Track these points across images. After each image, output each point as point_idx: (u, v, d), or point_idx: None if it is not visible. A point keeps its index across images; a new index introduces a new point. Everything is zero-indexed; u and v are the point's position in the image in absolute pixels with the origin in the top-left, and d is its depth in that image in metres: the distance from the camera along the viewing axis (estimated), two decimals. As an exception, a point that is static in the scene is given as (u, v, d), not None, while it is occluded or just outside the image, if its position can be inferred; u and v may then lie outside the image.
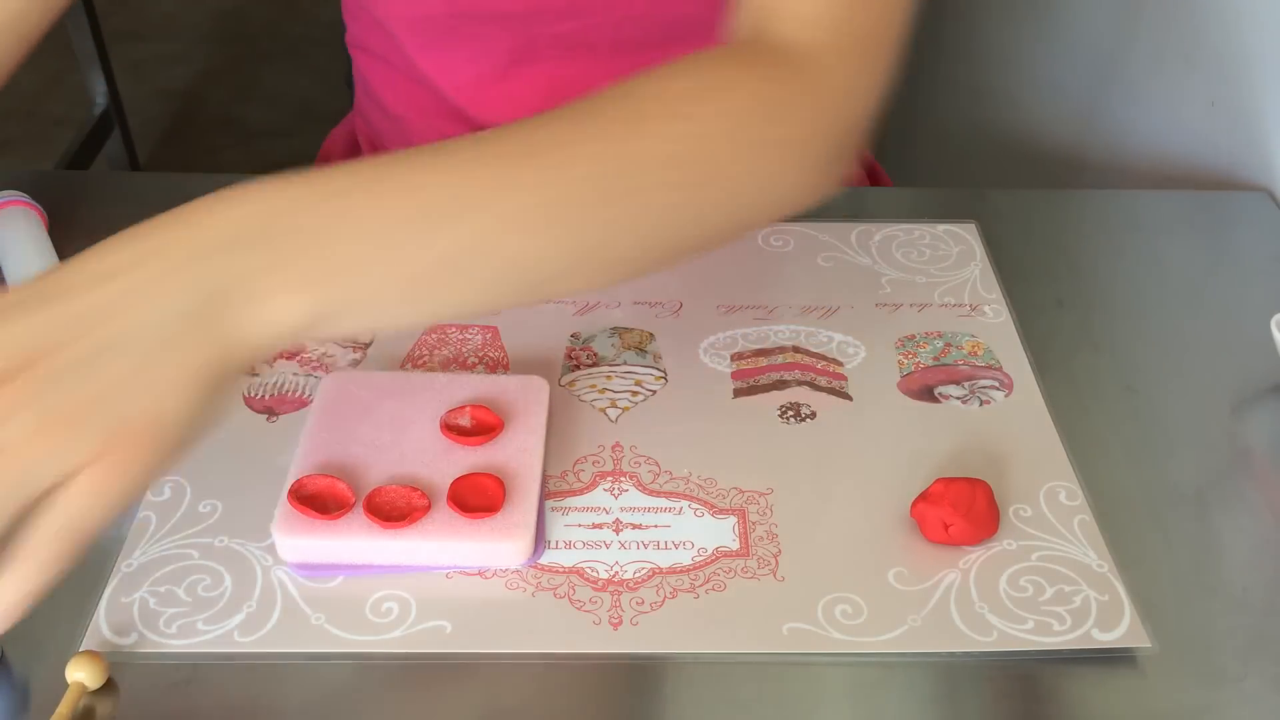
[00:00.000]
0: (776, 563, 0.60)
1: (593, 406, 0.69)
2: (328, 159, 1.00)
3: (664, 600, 0.58)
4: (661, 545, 0.61)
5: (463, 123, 0.85)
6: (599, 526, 0.62)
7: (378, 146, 0.94)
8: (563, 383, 0.70)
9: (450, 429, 0.64)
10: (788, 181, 0.52)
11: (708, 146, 0.49)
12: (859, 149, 0.54)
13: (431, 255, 0.45)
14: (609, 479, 0.65)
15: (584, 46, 0.81)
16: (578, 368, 0.72)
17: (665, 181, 0.48)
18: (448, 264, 0.45)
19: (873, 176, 1.03)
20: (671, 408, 0.69)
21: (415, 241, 0.45)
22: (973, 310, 0.77)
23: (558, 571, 0.60)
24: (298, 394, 0.69)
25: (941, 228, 0.84)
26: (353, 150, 0.99)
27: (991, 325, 0.76)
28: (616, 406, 0.69)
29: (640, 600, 0.58)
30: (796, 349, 0.73)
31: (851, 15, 0.52)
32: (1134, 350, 0.75)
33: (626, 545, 0.61)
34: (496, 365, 0.71)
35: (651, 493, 0.64)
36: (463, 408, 0.65)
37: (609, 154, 0.47)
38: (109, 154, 2.15)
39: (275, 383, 0.70)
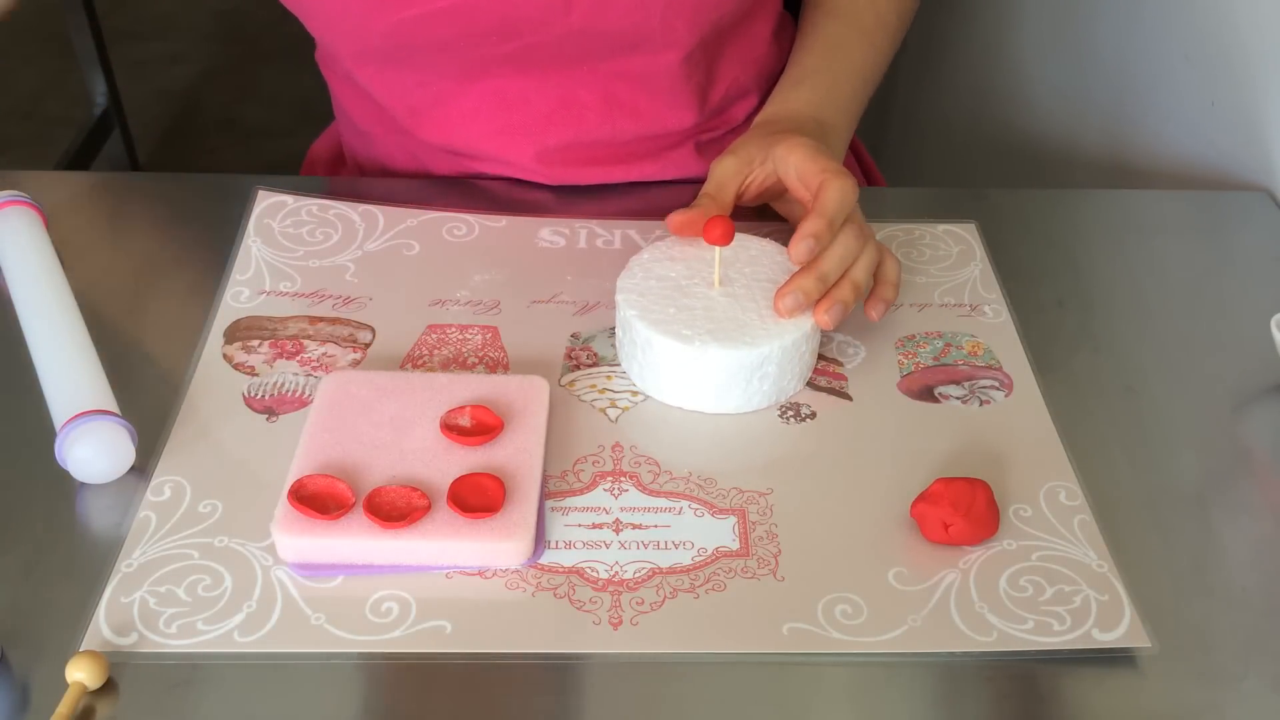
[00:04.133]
0: (776, 563, 0.60)
1: (593, 406, 0.69)
2: (313, 165, 1.00)
3: (664, 600, 0.58)
4: (661, 545, 0.61)
5: (418, 139, 0.86)
6: (599, 526, 0.62)
7: (357, 155, 0.95)
8: (563, 383, 0.70)
9: (450, 429, 0.64)
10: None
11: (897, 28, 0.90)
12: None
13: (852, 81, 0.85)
14: (609, 479, 0.65)
15: (529, 63, 0.81)
16: (578, 368, 0.72)
17: (901, 23, 0.90)
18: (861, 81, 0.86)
19: (867, 175, 1.03)
20: (671, 408, 0.69)
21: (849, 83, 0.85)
22: (973, 310, 0.77)
23: (558, 571, 0.60)
24: (298, 394, 0.69)
25: (941, 228, 0.84)
26: (337, 156, 0.99)
27: (991, 325, 0.76)
28: (616, 406, 0.69)
29: (640, 600, 0.58)
30: (796, 349, 0.73)
31: None
32: (1134, 350, 0.75)
33: (626, 545, 0.61)
34: (496, 365, 0.71)
35: (651, 493, 0.64)
36: (463, 408, 0.65)
37: (888, 21, 0.88)
38: (109, 154, 2.15)
39: (275, 383, 0.70)
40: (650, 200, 0.85)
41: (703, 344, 0.66)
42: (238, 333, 0.73)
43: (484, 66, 0.81)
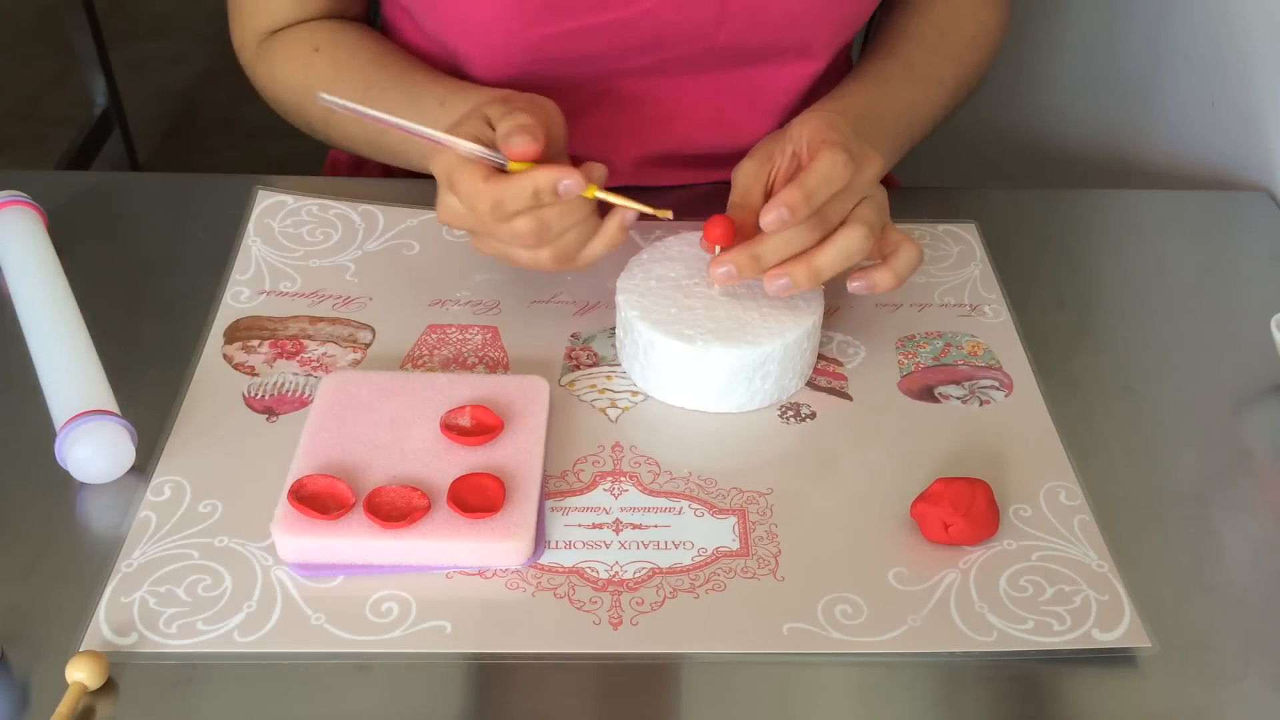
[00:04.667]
0: (776, 563, 0.60)
1: (593, 406, 0.69)
2: (335, 165, 1.00)
3: (664, 600, 0.58)
4: (661, 545, 0.61)
5: None
6: (599, 526, 0.62)
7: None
8: (563, 383, 0.70)
9: (450, 429, 0.64)
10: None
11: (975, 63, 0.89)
12: None
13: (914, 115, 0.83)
14: (609, 479, 0.64)
15: (660, 73, 0.81)
16: (578, 368, 0.72)
17: (959, 84, 0.87)
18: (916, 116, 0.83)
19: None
20: (672, 408, 0.69)
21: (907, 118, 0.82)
22: (973, 310, 0.77)
23: (558, 571, 0.60)
24: (298, 394, 0.69)
25: (941, 228, 0.84)
26: (360, 156, 0.98)
27: (991, 325, 0.76)
28: (616, 406, 0.69)
29: (640, 600, 0.58)
30: (796, 349, 0.73)
31: None
32: (1134, 350, 0.75)
33: (626, 545, 0.61)
34: (496, 365, 0.71)
35: (651, 493, 0.64)
36: (463, 408, 0.65)
37: (944, 78, 0.85)
38: (109, 154, 2.15)
39: (275, 383, 0.70)
40: (707, 195, 0.85)
41: (705, 343, 0.66)
42: (238, 333, 0.73)
43: (611, 76, 0.81)
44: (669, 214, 0.67)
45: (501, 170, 0.65)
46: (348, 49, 0.83)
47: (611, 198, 0.66)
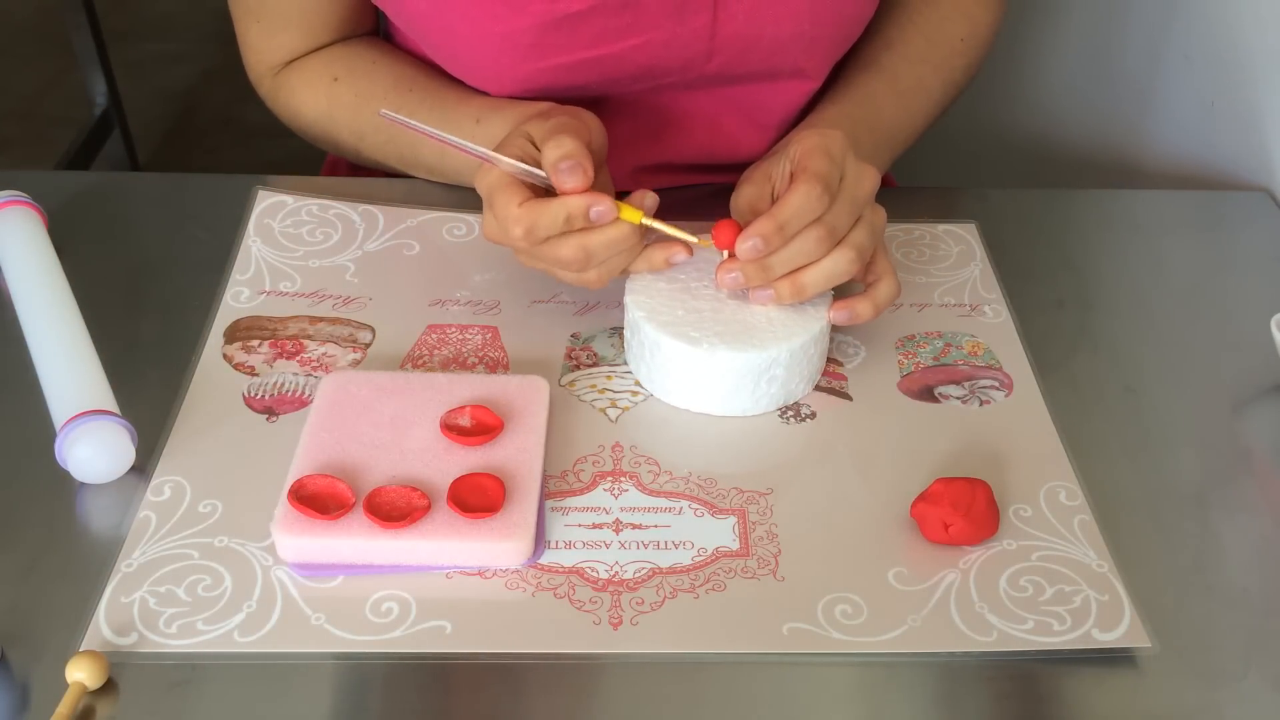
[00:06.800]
0: (776, 563, 0.60)
1: (593, 406, 0.69)
2: (335, 165, 1.00)
3: (664, 600, 0.58)
4: (661, 545, 0.61)
5: None
6: (599, 526, 0.62)
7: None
8: (563, 383, 0.71)
9: (450, 429, 0.64)
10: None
11: (958, 67, 0.89)
12: None
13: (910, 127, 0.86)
14: (609, 479, 0.65)
15: (654, 93, 0.82)
16: (578, 368, 0.72)
17: (946, 90, 0.88)
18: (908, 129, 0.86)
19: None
20: (671, 408, 0.69)
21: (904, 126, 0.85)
22: (973, 310, 0.77)
23: (558, 571, 0.60)
24: (298, 394, 0.69)
25: (941, 228, 0.84)
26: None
27: (991, 325, 0.76)
28: (616, 406, 0.69)
29: (640, 600, 0.58)
30: (796, 349, 0.73)
31: None
32: (1134, 350, 0.75)
33: (626, 545, 0.61)
34: (496, 365, 0.71)
35: (651, 493, 0.64)
36: (463, 408, 0.65)
37: (930, 88, 0.86)
38: (109, 154, 2.15)
39: (275, 383, 0.70)
40: (712, 195, 0.85)
41: (711, 346, 0.66)
42: (238, 333, 0.73)
43: (610, 98, 0.82)
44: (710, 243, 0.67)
45: (543, 189, 0.66)
46: (367, 76, 0.83)
47: (659, 225, 0.67)
